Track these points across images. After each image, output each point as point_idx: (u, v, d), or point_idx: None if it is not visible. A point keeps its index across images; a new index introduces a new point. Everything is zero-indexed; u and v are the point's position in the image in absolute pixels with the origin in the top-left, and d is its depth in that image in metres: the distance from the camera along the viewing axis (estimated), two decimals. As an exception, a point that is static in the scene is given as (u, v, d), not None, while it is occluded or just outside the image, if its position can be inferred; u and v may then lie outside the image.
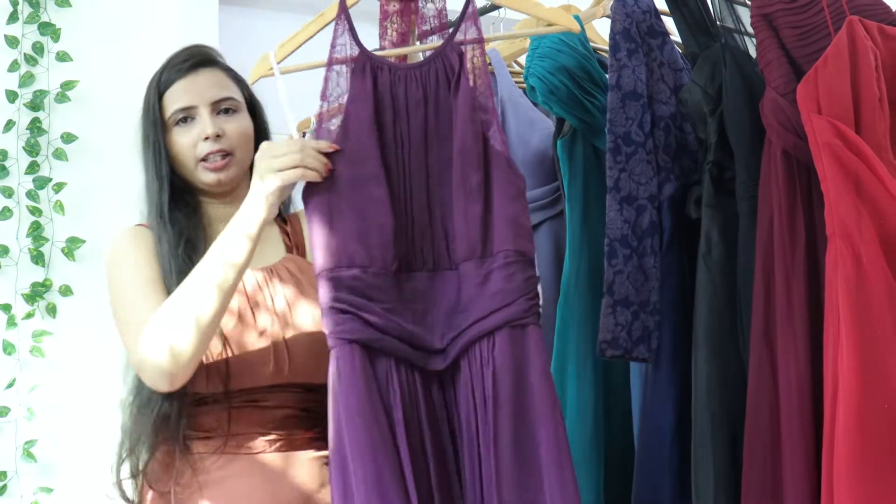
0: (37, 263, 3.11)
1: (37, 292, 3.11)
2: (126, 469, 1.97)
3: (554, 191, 2.35)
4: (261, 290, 1.99)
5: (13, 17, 3.13)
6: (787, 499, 1.77)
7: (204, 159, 2.01)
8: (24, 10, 3.14)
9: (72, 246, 3.14)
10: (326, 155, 1.81)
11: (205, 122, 2.01)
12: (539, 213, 2.34)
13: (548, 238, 2.34)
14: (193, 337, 1.83)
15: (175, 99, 2.03)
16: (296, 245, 2.09)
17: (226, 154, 2.01)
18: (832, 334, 1.71)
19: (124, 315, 1.95)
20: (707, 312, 1.94)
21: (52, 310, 3.12)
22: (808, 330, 1.79)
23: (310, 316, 1.97)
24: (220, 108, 2.03)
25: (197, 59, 2.05)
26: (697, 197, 2.02)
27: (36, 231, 3.11)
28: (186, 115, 2.02)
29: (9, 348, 3.07)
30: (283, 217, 2.13)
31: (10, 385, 3.07)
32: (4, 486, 3.04)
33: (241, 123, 2.04)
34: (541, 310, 1.83)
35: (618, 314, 2.00)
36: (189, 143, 2.01)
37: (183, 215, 2.01)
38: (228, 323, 1.94)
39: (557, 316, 2.21)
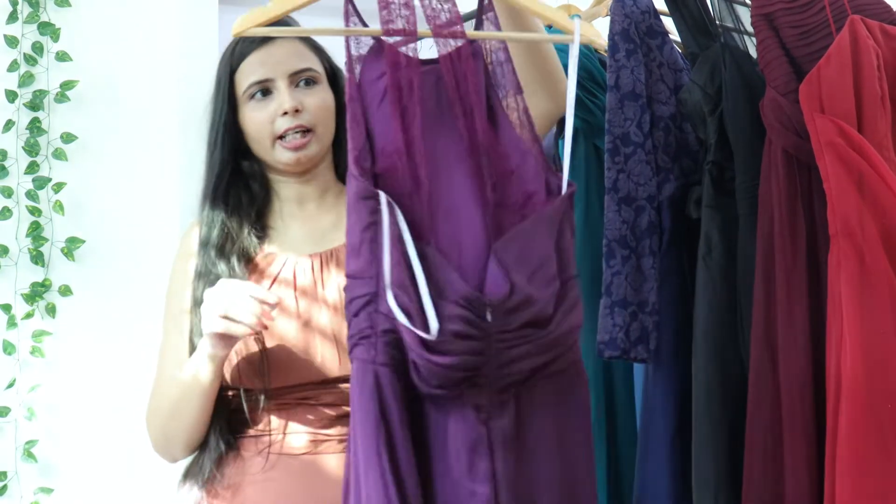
0: (36, 263, 3.11)
1: (36, 292, 3.10)
2: (190, 486, 1.89)
3: (554, 190, 2.34)
4: (311, 279, 1.86)
5: (13, 17, 3.12)
6: (788, 499, 1.77)
7: (282, 136, 1.88)
8: (24, 9, 3.13)
9: (71, 246, 3.13)
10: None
11: (283, 96, 1.87)
12: (539, 213, 2.34)
13: (548, 238, 2.33)
14: (179, 441, 1.86)
15: (250, 72, 1.89)
16: None
17: (306, 131, 1.88)
18: (835, 334, 1.71)
19: (161, 340, 1.94)
20: (707, 313, 1.94)
21: (51, 310, 3.11)
22: (809, 330, 1.79)
23: None
24: (299, 80, 1.89)
25: None
26: (697, 197, 2.02)
27: (35, 231, 3.11)
28: (263, 89, 1.88)
29: (9, 348, 3.07)
30: None
31: (10, 385, 3.06)
32: (4, 487, 3.03)
33: (321, 97, 1.91)
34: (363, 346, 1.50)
35: (615, 315, 1.99)
36: (265, 118, 1.88)
37: (235, 205, 1.91)
38: (271, 313, 1.82)
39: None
